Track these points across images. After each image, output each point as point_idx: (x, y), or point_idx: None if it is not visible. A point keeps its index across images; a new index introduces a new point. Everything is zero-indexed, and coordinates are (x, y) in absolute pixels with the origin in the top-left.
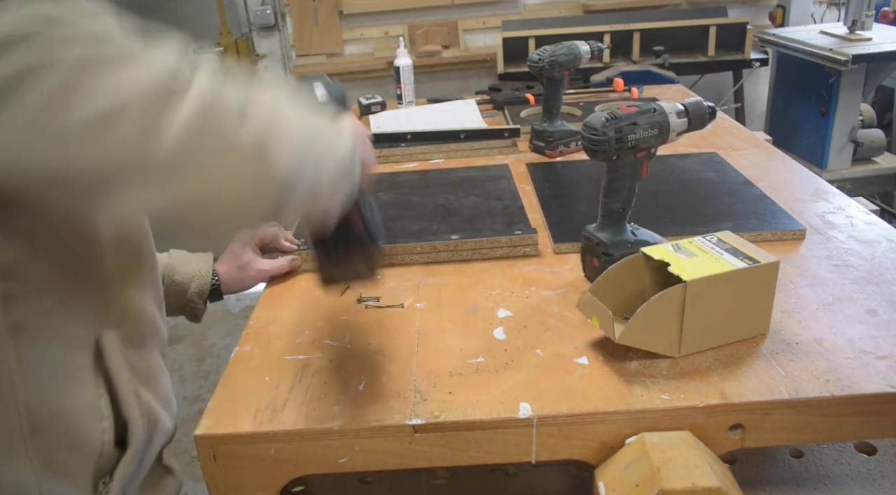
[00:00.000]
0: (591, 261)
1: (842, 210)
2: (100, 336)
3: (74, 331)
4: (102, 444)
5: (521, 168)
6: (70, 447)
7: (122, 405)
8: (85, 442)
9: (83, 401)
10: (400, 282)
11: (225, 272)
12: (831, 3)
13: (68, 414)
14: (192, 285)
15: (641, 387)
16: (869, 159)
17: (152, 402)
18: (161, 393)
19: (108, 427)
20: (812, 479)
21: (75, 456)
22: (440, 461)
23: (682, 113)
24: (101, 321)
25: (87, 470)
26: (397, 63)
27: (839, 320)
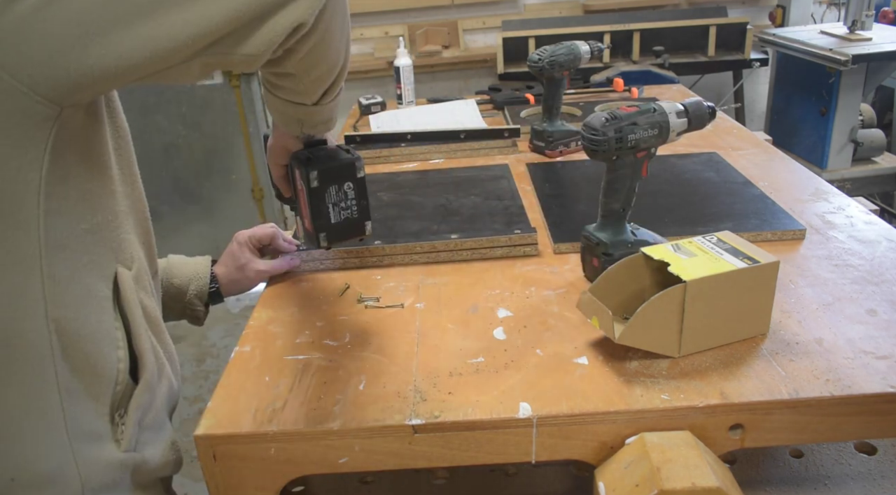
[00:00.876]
0: (591, 261)
1: (842, 210)
2: (117, 270)
3: (99, 260)
4: (118, 372)
5: (521, 168)
6: (91, 372)
7: (134, 339)
8: (104, 368)
9: (104, 328)
10: (400, 282)
11: (224, 274)
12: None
13: (91, 337)
14: (190, 287)
15: (641, 387)
16: (869, 159)
17: (159, 349)
18: (165, 345)
19: (123, 357)
20: (812, 479)
21: (96, 381)
22: (440, 461)
23: (682, 113)
24: (117, 257)
25: (105, 398)
26: (397, 63)
27: (839, 320)
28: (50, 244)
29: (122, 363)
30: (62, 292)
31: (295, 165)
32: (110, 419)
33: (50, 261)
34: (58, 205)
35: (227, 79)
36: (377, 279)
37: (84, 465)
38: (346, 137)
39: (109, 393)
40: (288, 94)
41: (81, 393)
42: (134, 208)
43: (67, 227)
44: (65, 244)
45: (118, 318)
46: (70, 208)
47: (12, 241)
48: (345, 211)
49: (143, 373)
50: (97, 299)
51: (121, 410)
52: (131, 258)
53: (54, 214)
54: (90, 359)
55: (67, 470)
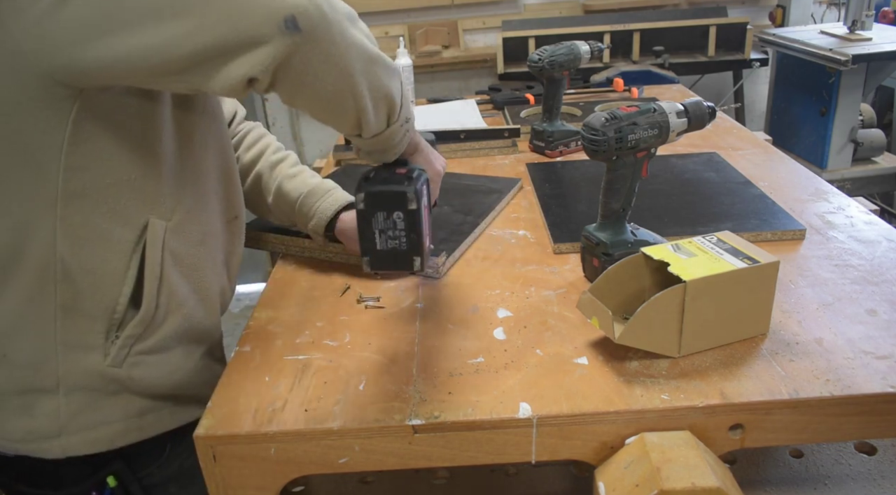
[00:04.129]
0: (591, 261)
1: (842, 210)
2: (148, 220)
3: (124, 210)
4: (118, 303)
5: (521, 168)
6: (91, 297)
7: (144, 279)
8: (104, 297)
9: (113, 267)
10: (400, 282)
11: (347, 222)
12: (831, 3)
13: (95, 271)
14: (311, 222)
15: (641, 387)
16: (869, 159)
17: (182, 289)
18: (201, 285)
19: (128, 292)
20: (812, 479)
21: (93, 305)
22: (440, 461)
23: (682, 113)
24: (152, 209)
25: (101, 319)
26: (397, 63)
27: (839, 320)
28: (68, 192)
29: (125, 297)
30: (73, 232)
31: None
32: (105, 336)
33: (66, 206)
34: (79, 162)
35: None
36: (377, 279)
37: (64, 365)
38: (346, 137)
39: (107, 316)
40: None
41: (77, 311)
42: (197, 167)
43: (88, 180)
44: (83, 194)
45: (135, 261)
46: (92, 165)
47: (34, 186)
48: (392, 240)
49: (140, 311)
50: (111, 242)
51: (118, 331)
52: (172, 210)
53: (75, 169)
54: (91, 287)
55: (48, 364)
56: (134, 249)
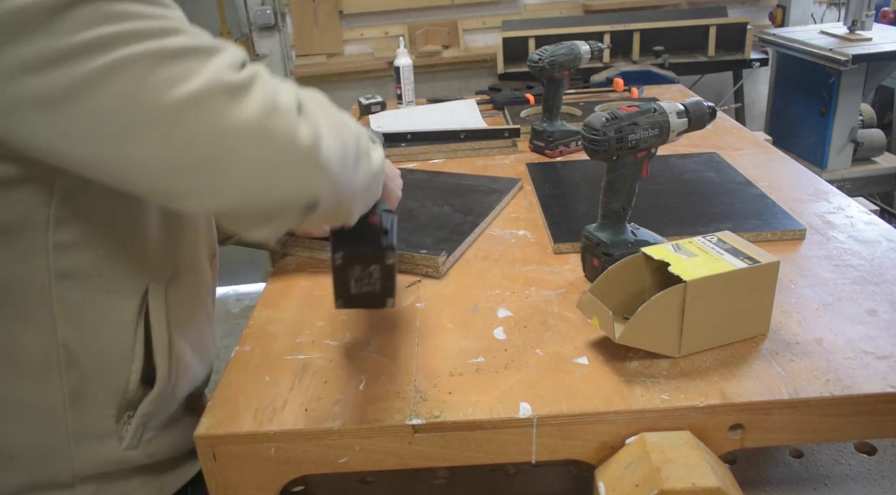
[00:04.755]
0: (591, 261)
1: (842, 210)
2: (147, 287)
3: (122, 281)
4: (129, 382)
5: (521, 168)
6: (100, 381)
7: (154, 352)
8: (114, 378)
9: (119, 344)
10: (400, 282)
11: None
12: (831, 3)
13: (102, 354)
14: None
15: (641, 387)
16: (869, 159)
17: (186, 351)
18: (198, 341)
19: (137, 368)
20: (812, 479)
21: (104, 389)
22: (440, 461)
23: (682, 113)
24: (149, 275)
25: (112, 403)
26: (397, 63)
27: (839, 320)
28: (60, 273)
29: (135, 374)
30: (74, 315)
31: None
32: (116, 419)
33: (60, 288)
34: (68, 239)
35: None
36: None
37: (79, 459)
38: None
39: (117, 398)
40: None
41: (86, 398)
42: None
43: (80, 257)
44: (77, 272)
45: (139, 333)
46: (83, 239)
47: (21, 271)
48: (367, 286)
49: (155, 385)
50: (114, 318)
51: (130, 412)
52: (171, 267)
53: (65, 247)
54: (99, 370)
55: (62, 461)
56: (137, 321)
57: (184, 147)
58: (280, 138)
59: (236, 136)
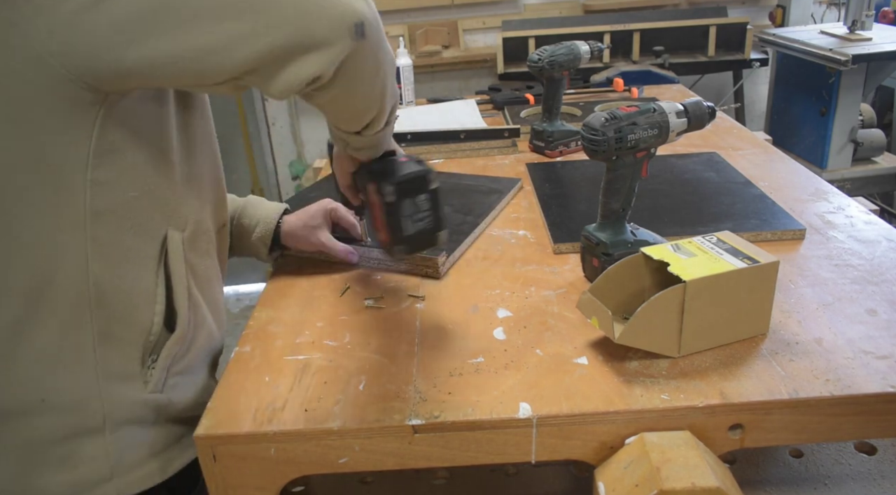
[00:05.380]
0: (591, 261)
1: (842, 210)
2: (167, 233)
3: (148, 223)
4: (153, 324)
5: (521, 168)
6: (126, 320)
7: (175, 295)
8: (139, 318)
9: (143, 285)
10: (400, 282)
11: (293, 222)
12: (831, 3)
13: (129, 292)
14: (256, 229)
15: (641, 387)
16: (869, 159)
17: (202, 303)
18: (211, 299)
19: (160, 310)
20: (812, 479)
21: (129, 329)
22: (440, 461)
23: (682, 113)
24: (169, 221)
25: (137, 344)
26: (397, 63)
27: (839, 320)
28: (95, 209)
29: (158, 316)
30: (104, 252)
31: (368, 178)
32: (141, 362)
33: (95, 224)
34: (105, 176)
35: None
36: (377, 279)
37: (109, 401)
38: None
39: (142, 340)
40: (329, 120)
41: (114, 338)
42: (199, 174)
43: (114, 195)
44: (111, 209)
45: (161, 276)
46: (117, 178)
47: (60, 206)
48: (419, 222)
49: (177, 328)
50: (139, 259)
51: (153, 356)
52: (185, 221)
53: (101, 183)
54: (126, 310)
55: (92, 402)
56: (159, 265)
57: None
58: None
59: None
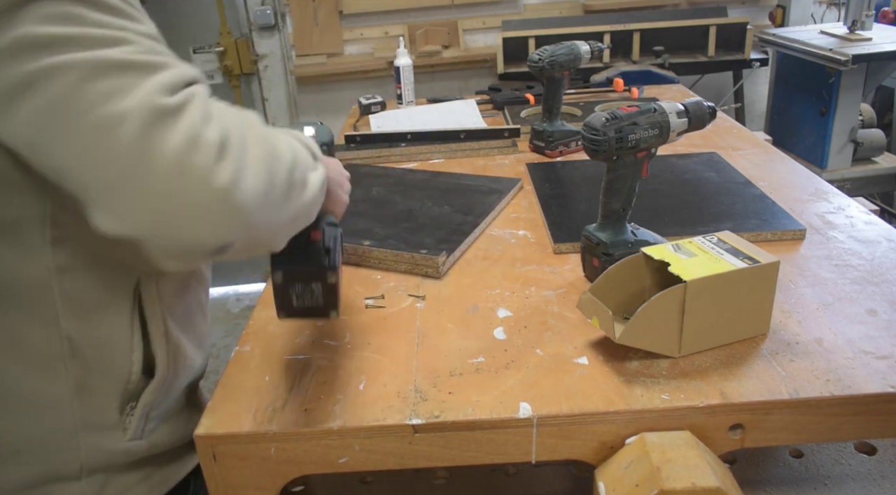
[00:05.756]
0: (591, 261)
1: (842, 210)
2: (139, 281)
3: (116, 275)
4: (131, 373)
5: (521, 168)
6: (103, 371)
7: (152, 341)
8: (116, 368)
9: (118, 334)
10: (400, 282)
11: None
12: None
13: (104, 343)
14: None
15: (641, 387)
16: (869, 159)
17: (183, 341)
18: (194, 332)
19: (138, 358)
20: (812, 479)
21: (107, 379)
22: (440, 461)
23: (682, 113)
24: (139, 269)
25: (115, 394)
26: (397, 63)
27: (839, 320)
28: (59, 266)
29: (136, 364)
30: (74, 307)
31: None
32: (119, 410)
33: (61, 281)
34: (65, 233)
35: (227, 79)
36: (377, 279)
37: (86, 450)
38: (346, 137)
39: (121, 389)
40: None
41: (91, 388)
42: None
43: (76, 252)
44: (75, 266)
45: (136, 324)
46: (79, 234)
47: (23, 265)
48: (309, 300)
49: (156, 375)
50: (111, 309)
51: (132, 403)
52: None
53: (63, 241)
54: (102, 360)
55: (69, 452)
56: (132, 313)
57: (102, 164)
58: (195, 176)
59: (152, 167)
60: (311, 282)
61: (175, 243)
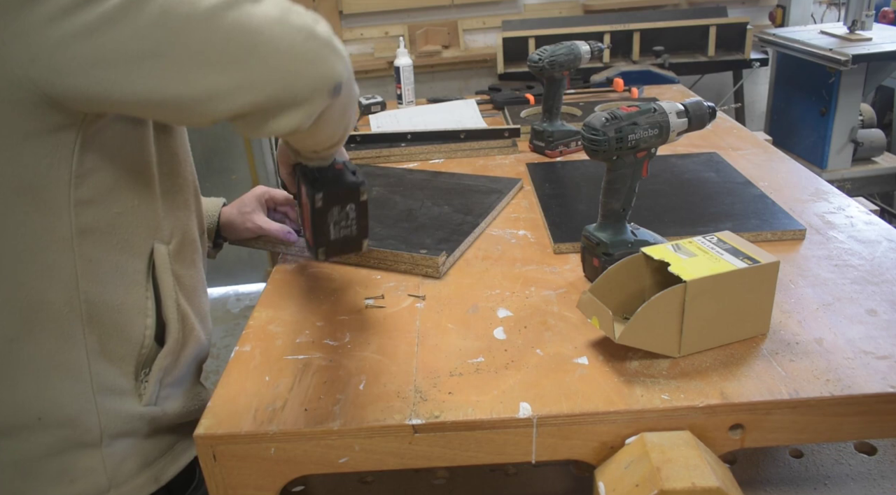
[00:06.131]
0: (591, 261)
1: (842, 210)
2: (153, 247)
3: (133, 239)
4: (144, 337)
5: (521, 168)
6: (119, 336)
7: (164, 308)
8: (131, 333)
9: (133, 299)
10: (400, 282)
11: (227, 214)
12: (831, 3)
13: (119, 307)
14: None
15: (641, 387)
16: (869, 159)
17: (190, 313)
18: (198, 308)
19: (151, 324)
20: (812, 479)
21: (122, 345)
22: (440, 461)
23: (682, 113)
24: (154, 235)
25: (130, 359)
26: (397, 63)
27: (839, 320)
28: (81, 228)
29: (149, 329)
30: (93, 269)
31: (301, 180)
32: (134, 376)
33: (82, 243)
34: (88, 195)
35: None
36: (377, 279)
37: (105, 414)
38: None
39: (135, 354)
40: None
41: (107, 353)
42: (183, 185)
43: (98, 213)
44: (96, 227)
45: (150, 290)
46: (100, 196)
47: (47, 226)
48: (344, 229)
49: (167, 340)
50: (128, 274)
51: (146, 369)
52: (171, 233)
53: (85, 203)
54: (117, 325)
55: (89, 417)
56: (147, 279)
57: (223, 45)
58: (302, 30)
59: (266, 31)
60: (347, 202)
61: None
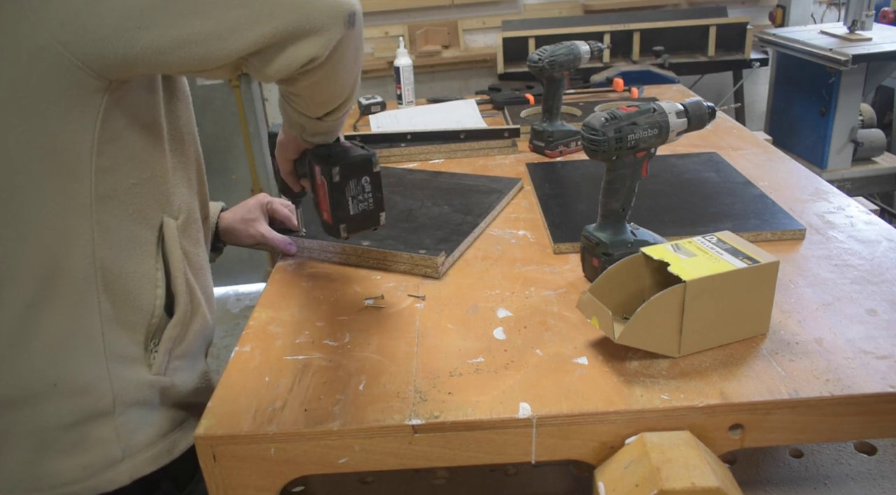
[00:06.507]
0: (591, 261)
1: (842, 210)
2: (163, 219)
3: (146, 210)
4: (154, 307)
5: (521, 168)
6: (131, 304)
7: (173, 280)
8: (142, 302)
9: (144, 269)
10: (400, 282)
11: (229, 219)
12: (831, 3)
13: (132, 276)
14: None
15: (641, 387)
16: (869, 159)
17: (196, 289)
18: (204, 287)
19: (161, 294)
20: (812, 479)
21: (134, 313)
22: (440, 461)
23: (682, 113)
24: (164, 208)
25: (141, 328)
26: (397, 63)
27: (839, 320)
28: (100, 195)
29: (159, 300)
30: (109, 237)
31: (314, 161)
32: (144, 346)
33: (99, 210)
34: (109, 163)
35: (227, 79)
36: (377, 279)
37: (117, 381)
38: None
39: (145, 324)
40: (296, 105)
41: (120, 321)
42: (187, 163)
43: (117, 181)
44: (114, 195)
45: (159, 261)
46: (120, 165)
47: (68, 192)
48: (362, 203)
49: (176, 310)
50: (140, 244)
51: (155, 339)
52: (179, 209)
53: (105, 170)
54: (130, 294)
55: (102, 384)
56: (157, 250)
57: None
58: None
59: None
60: (362, 175)
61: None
